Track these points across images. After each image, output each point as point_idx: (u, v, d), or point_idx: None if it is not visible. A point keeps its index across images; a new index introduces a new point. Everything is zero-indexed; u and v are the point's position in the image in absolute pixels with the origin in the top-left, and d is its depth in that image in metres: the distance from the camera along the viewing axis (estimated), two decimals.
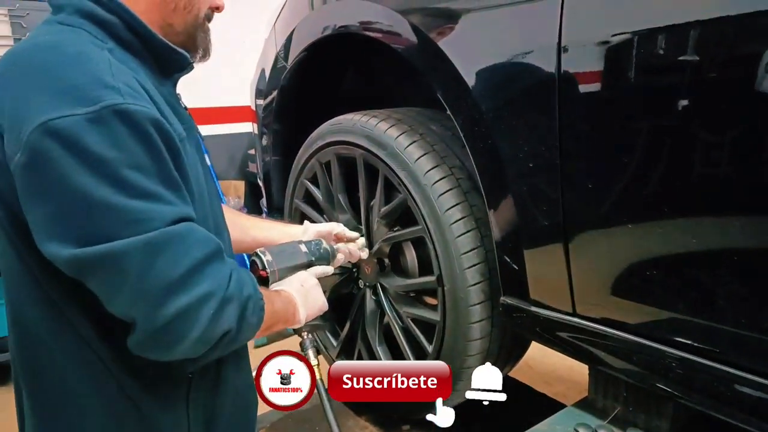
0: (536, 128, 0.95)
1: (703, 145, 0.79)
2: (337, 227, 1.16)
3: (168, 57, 0.78)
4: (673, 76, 0.79)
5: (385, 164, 1.21)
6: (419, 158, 1.16)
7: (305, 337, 0.98)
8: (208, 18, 0.84)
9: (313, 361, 0.97)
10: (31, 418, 0.76)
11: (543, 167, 0.95)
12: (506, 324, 1.13)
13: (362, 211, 1.34)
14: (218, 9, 0.84)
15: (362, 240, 1.22)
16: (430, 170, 1.14)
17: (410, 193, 1.16)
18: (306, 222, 1.17)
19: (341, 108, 1.46)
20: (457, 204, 1.13)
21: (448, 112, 1.11)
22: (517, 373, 1.43)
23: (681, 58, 0.76)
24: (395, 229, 1.29)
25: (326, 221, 1.45)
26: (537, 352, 1.34)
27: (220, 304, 0.69)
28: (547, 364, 2.25)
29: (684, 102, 0.78)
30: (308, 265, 1.03)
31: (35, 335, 0.73)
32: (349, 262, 1.20)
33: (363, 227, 1.35)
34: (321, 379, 0.99)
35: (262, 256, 0.98)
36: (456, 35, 1.07)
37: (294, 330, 0.98)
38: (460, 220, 1.12)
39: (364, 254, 1.22)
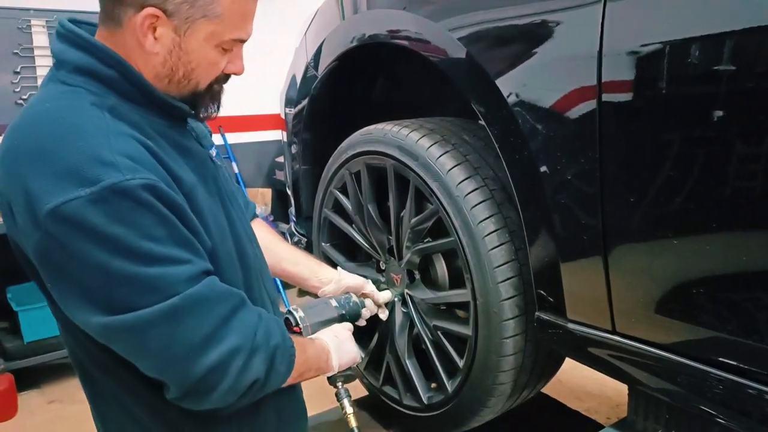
0: (575, 139, 0.93)
1: (749, 158, 0.75)
2: (368, 287, 1.20)
3: (168, 109, 0.78)
4: (718, 86, 0.76)
5: (416, 175, 1.19)
6: (451, 169, 1.14)
7: (340, 387, 1.02)
8: (219, 83, 0.81)
9: (349, 410, 1.03)
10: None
11: (582, 179, 0.92)
12: (541, 340, 1.10)
13: (392, 221, 1.32)
14: (237, 74, 0.81)
15: (388, 296, 1.28)
16: (462, 181, 1.12)
17: (442, 205, 1.14)
18: (340, 270, 1.20)
19: (372, 117, 1.45)
20: (490, 216, 1.10)
21: (482, 122, 1.10)
22: (547, 388, 1.39)
23: (729, 67, 0.73)
24: (425, 240, 1.27)
25: (355, 231, 1.45)
26: (566, 366, 1.30)
27: (248, 356, 0.73)
28: (578, 379, 2.20)
29: (731, 113, 0.75)
30: (340, 319, 1.07)
31: (86, 368, 0.80)
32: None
33: (393, 238, 1.34)
34: (356, 428, 1.04)
35: (295, 313, 1.03)
36: (491, 45, 1.05)
37: (328, 379, 1.02)
38: (493, 232, 1.10)
39: (384, 315, 1.27)
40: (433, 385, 1.33)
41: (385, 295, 1.26)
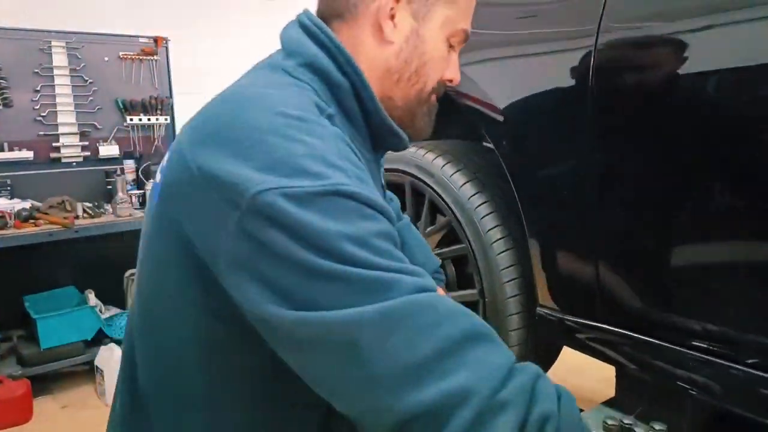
0: (573, 159, 1.12)
1: (719, 170, 0.94)
2: None
3: (385, 136, 0.72)
4: (703, 117, 0.94)
5: (432, 190, 1.37)
6: (463, 185, 1.32)
7: None
8: (437, 92, 0.75)
9: None
10: None
11: (578, 195, 1.11)
12: (541, 332, 1.28)
13: None
14: (451, 82, 0.75)
15: None
16: (473, 195, 1.31)
17: (455, 216, 1.32)
18: None
19: None
20: (497, 225, 1.29)
21: (488, 144, 1.28)
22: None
23: (721, 97, 0.92)
24: (437, 247, 1.45)
25: None
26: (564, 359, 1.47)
27: (482, 408, 0.48)
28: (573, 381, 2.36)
29: (714, 135, 0.94)
30: None
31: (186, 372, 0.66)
32: None
33: None
34: None
35: None
36: (498, 77, 1.24)
37: None
38: (500, 239, 1.28)
39: None
40: None
41: None
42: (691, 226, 0.98)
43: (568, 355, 1.38)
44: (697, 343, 0.99)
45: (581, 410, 1.04)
